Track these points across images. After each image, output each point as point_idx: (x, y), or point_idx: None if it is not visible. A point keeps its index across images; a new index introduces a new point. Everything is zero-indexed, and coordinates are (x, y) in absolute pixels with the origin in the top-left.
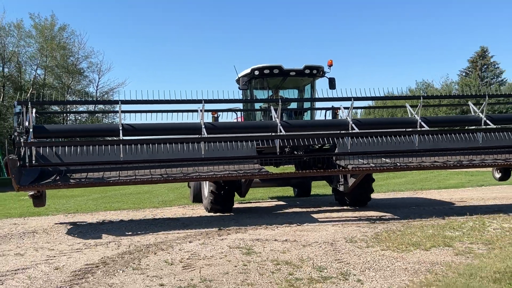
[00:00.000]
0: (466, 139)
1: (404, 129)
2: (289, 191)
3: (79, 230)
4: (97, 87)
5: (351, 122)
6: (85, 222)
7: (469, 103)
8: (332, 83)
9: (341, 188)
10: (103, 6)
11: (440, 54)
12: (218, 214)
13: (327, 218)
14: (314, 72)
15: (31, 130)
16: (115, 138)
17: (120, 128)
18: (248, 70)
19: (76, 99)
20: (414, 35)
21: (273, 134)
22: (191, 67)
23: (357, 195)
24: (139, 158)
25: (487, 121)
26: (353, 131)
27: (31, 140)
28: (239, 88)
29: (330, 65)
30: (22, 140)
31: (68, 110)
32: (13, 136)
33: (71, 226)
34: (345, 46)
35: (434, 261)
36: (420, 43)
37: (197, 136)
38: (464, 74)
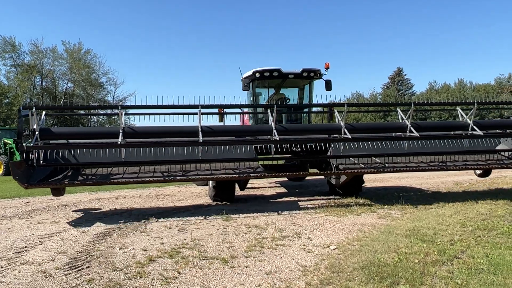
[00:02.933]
0: (452, 144)
1: (384, 134)
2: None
3: (100, 203)
4: (113, 96)
5: (344, 127)
6: (105, 198)
7: (458, 108)
8: (328, 85)
9: (333, 182)
10: (119, 33)
11: (368, 72)
12: (205, 192)
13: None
14: (311, 75)
15: (37, 133)
16: (115, 141)
17: (121, 131)
18: (250, 73)
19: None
20: (348, 56)
21: (268, 138)
22: (193, 72)
23: (349, 188)
24: (139, 159)
25: (475, 127)
26: (345, 136)
27: (37, 142)
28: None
29: (327, 68)
30: (25, 144)
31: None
32: (17, 140)
33: (94, 200)
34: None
35: (363, 223)
36: (351, 63)
37: (194, 139)
38: (385, 87)
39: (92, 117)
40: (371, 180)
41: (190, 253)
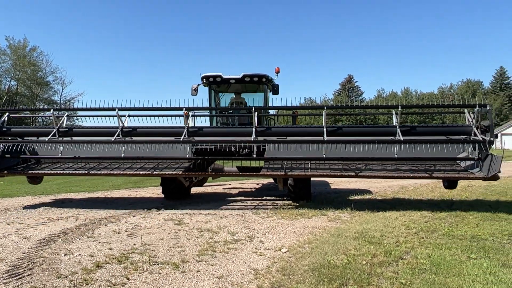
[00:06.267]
0: (376, 150)
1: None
2: None
3: (44, 208)
4: (60, 96)
5: (254, 130)
6: (50, 201)
7: (393, 111)
8: (275, 89)
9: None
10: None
11: (319, 79)
12: (156, 195)
13: (242, 197)
14: (255, 79)
15: None
16: (43, 139)
17: (55, 130)
18: None
19: (44, 106)
20: (301, 64)
21: (176, 138)
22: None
23: (294, 193)
24: (75, 155)
25: (399, 132)
26: (247, 138)
27: None
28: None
29: (277, 72)
30: None
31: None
32: None
33: (38, 204)
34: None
35: (314, 226)
36: (304, 71)
37: (110, 138)
38: (337, 93)
39: (37, 118)
40: (322, 184)
41: (140, 258)
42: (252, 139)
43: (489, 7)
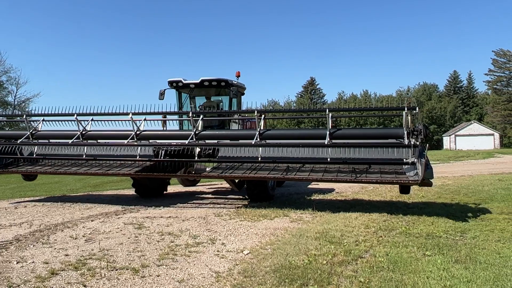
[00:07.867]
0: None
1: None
2: None
3: None
4: (15, 97)
5: (193, 133)
6: (2, 207)
7: (329, 115)
8: (233, 93)
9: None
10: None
11: (283, 81)
12: (116, 199)
13: (204, 198)
14: (213, 84)
15: None
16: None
17: (28, 133)
18: None
19: None
20: (265, 67)
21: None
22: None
23: (250, 192)
24: (47, 155)
25: (327, 136)
26: (188, 142)
27: None
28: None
29: (238, 76)
30: None
31: None
32: None
33: None
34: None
35: (276, 227)
36: (268, 74)
37: (68, 141)
38: (299, 95)
39: None
40: (285, 186)
41: (98, 264)
42: (186, 142)
43: (443, 11)
